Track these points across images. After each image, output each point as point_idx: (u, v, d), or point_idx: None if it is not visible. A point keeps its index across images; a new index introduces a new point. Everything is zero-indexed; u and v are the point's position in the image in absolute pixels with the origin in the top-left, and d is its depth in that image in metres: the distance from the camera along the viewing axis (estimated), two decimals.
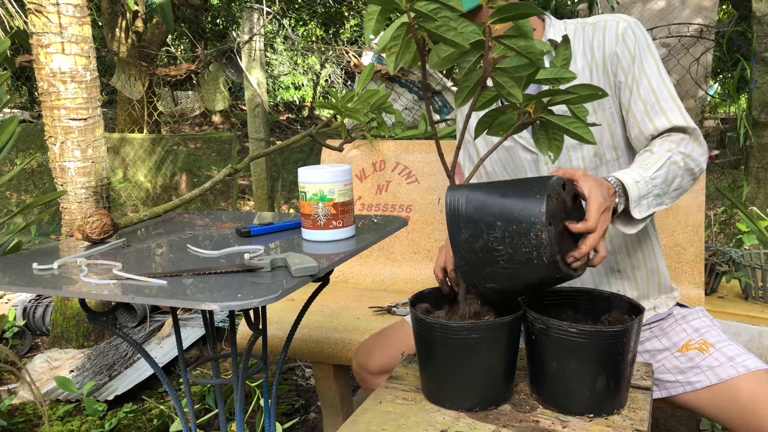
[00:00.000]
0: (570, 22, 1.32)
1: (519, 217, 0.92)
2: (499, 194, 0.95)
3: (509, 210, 0.93)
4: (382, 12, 0.81)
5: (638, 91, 1.23)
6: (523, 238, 0.92)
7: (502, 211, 0.94)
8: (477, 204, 0.95)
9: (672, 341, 1.30)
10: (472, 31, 0.81)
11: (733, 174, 3.83)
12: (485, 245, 0.95)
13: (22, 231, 2.12)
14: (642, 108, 1.22)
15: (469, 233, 0.95)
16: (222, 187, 4.97)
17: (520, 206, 0.93)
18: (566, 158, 1.28)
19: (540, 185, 0.94)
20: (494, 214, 0.94)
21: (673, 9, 4.27)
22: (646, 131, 1.22)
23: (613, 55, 1.24)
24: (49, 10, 2.29)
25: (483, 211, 0.95)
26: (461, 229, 0.96)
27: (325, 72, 10.33)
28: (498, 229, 0.94)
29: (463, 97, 0.93)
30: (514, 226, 0.92)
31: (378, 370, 1.39)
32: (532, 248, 0.92)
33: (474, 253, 0.96)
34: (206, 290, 0.99)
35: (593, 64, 1.26)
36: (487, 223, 0.94)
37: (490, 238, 0.94)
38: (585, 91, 0.92)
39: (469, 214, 0.96)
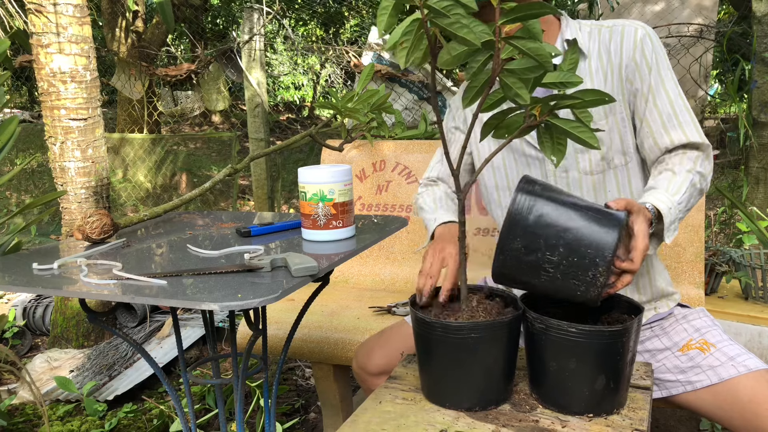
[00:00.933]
0: (585, 23, 1.31)
1: (583, 253, 0.91)
2: (570, 218, 0.93)
3: (575, 242, 0.92)
4: (395, 7, 0.81)
5: (655, 102, 1.24)
6: (580, 272, 0.92)
7: (569, 238, 0.92)
8: (545, 220, 0.93)
9: (673, 341, 1.30)
10: (482, 30, 0.81)
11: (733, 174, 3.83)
12: (536, 262, 0.93)
13: (22, 231, 2.12)
14: (659, 120, 1.23)
15: (524, 244, 0.93)
16: (222, 187, 4.97)
17: (588, 242, 0.92)
18: (573, 160, 1.28)
19: (612, 226, 0.93)
20: (559, 238, 0.92)
21: (673, 9, 4.27)
22: (662, 143, 1.23)
23: (631, 62, 1.24)
24: (48, 10, 2.30)
25: (548, 230, 0.92)
26: (517, 237, 0.93)
27: (325, 72, 10.33)
28: (558, 255, 0.92)
29: (470, 97, 0.93)
30: (575, 259, 0.92)
31: (378, 370, 1.39)
32: (582, 283, 0.93)
33: (520, 264, 0.93)
34: (206, 290, 0.99)
35: (609, 67, 1.26)
36: (548, 243, 0.92)
37: (545, 257, 0.92)
38: (591, 96, 0.92)
39: (532, 225, 0.93)
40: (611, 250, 0.91)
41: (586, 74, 1.27)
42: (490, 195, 1.43)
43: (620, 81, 1.26)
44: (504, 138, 1.01)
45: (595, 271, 0.92)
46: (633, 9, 4.38)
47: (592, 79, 1.26)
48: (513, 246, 0.94)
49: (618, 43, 1.26)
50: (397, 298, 2.03)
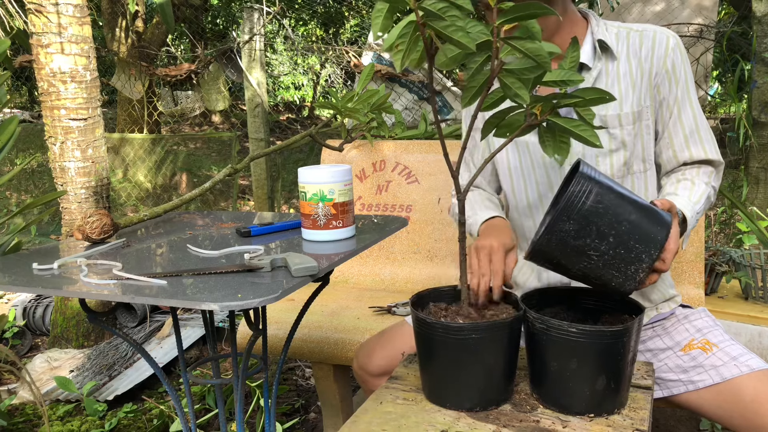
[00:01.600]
0: (612, 24, 1.30)
1: (632, 247, 0.92)
2: (625, 210, 0.93)
3: (628, 233, 0.92)
4: (390, 9, 0.81)
5: (680, 115, 1.26)
6: (623, 265, 0.93)
7: (621, 230, 0.92)
8: (601, 207, 0.92)
9: (675, 341, 1.30)
10: (479, 31, 0.81)
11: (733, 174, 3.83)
12: (582, 247, 0.92)
13: (22, 231, 2.12)
14: (681, 134, 1.26)
15: (576, 228, 0.92)
16: (222, 187, 4.97)
17: (639, 237, 0.92)
18: (594, 163, 1.27)
19: (662, 225, 0.95)
20: (612, 227, 0.92)
21: (673, 9, 4.26)
22: (681, 157, 1.27)
23: (662, 70, 1.25)
24: (49, 10, 2.29)
25: (603, 218, 0.92)
26: (570, 219, 0.92)
27: (325, 72, 10.33)
28: (607, 245, 0.92)
29: (469, 97, 0.93)
30: (622, 251, 0.92)
31: (378, 371, 1.39)
32: (622, 275, 0.93)
33: (565, 246, 0.93)
34: (206, 290, 0.99)
35: (638, 73, 1.25)
36: (599, 231, 0.92)
37: (593, 244, 0.92)
38: (591, 95, 0.92)
39: (588, 211, 0.92)
40: (659, 248, 0.92)
41: (614, 77, 1.26)
42: (507, 198, 1.41)
43: (649, 88, 1.25)
44: (505, 137, 1.01)
45: (639, 266, 0.92)
46: (633, 9, 4.38)
47: (620, 82, 1.25)
48: (564, 227, 0.93)
49: (649, 48, 1.25)
50: (397, 298, 2.03)
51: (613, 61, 1.26)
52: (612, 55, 1.26)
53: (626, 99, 1.25)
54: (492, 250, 1.14)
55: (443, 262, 2.17)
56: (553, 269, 1.02)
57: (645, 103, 1.25)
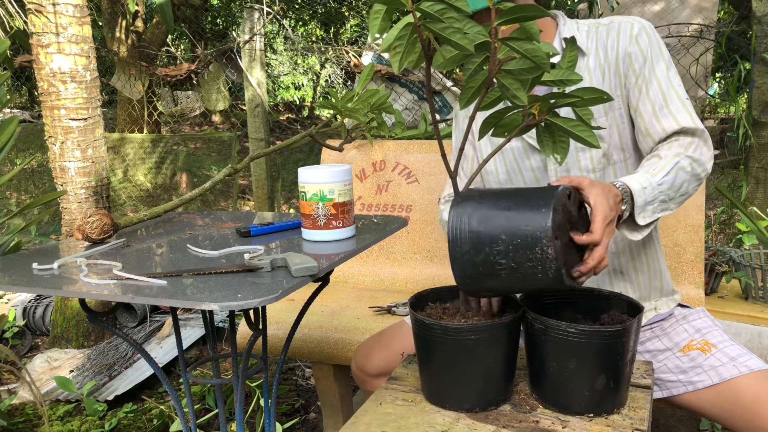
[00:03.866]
0: (583, 22, 1.31)
1: (524, 232, 0.90)
2: (503, 207, 0.93)
3: (514, 224, 0.91)
4: (387, 11, 0.81)
5: (647, 92, 1.22)
6: (528, 252, 0.91)
7: (506, 225, 0.92)
8: (480, 217, 0.93)
9: (674, 341, 1.30)
10: (477, 32, 0.81)
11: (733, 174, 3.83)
12: (486, 259, 0.93)
13: (22, 231, 2.12)
14: (650, 109, 1.22)
15: (471, 246, 0.93)
16: (222, 187, 4.97)
17: (525, 220, 0.91)
18: (574, 159, 1.28)
19: (545, 198, 0.92)
20: (498, 227, 0.92)
21: (673, 9, 4.26)
22: (654, 133, 1.21)
23: (626, 56, 1.24)
24: (48, 10, 2.29)
25: (486, 224, 0.93)
26: (463, 242, 0.93)
27: (325, 72, 10.33)
28: (502, 242, 0.91)
29: (467, 98, 0.93)
30: (518, 240, 0.91)
31: (377, 372, 1.39)
32: (537, 262, 0.91)
33: (474, 266, 0.94)
34: (206, 290, 0.99)
35: (606, 64, 1.26)
36: (490, 236, 0.92)
37: (492, 251, 0.92)
38: (590, 95, 0.92)
39: (472, 228, 0.93)
40: (548, 218, 0.89)
41: (584, 72, 1.27)
42: None
43: (617, 76, 1.25)
44: (503, 137, 1.01)
45: (541, 245, 0.90)
46: (633, 9, 4.38)
47: (591, 76, 1.27)
48: (462, 250, 0.94)
49: (614, 38, 1.26)
50: (397, 298, 2.03)
51: (583, 56, 1.27)
52: (581, 51, 1.27)
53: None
54: None
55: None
56: (491, 293, 1.01)
57: (615, 93, 1.26)
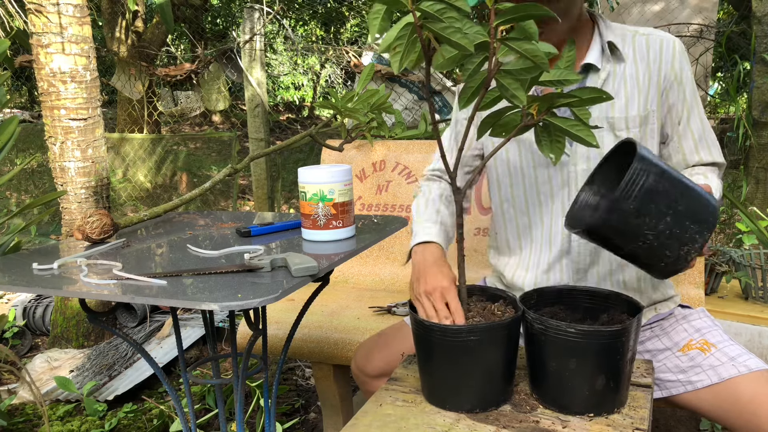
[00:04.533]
0: (618, 26, 1.31)
1: (687, 227, 0.94)
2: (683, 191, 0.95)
3: (685, 213, 0.94)
4: (387, 11, 0.81)
5: (689, 121, 1.28)
6: (676, 244, 0.95)
7: (679, 209, 0.94)
8: (662, 186, 0.93)
9: (673, 341, 1.30)
10: (476, 32, 0.81)
11: (733, 174, 3.83)
12: (639, 227, 0.93)
13: (22, 231, 2.12)
14: (692, 140, 1.29)
15: (637, 207, 0.92)
16: (222, 187, 4.97)
17: (693, 218, 0.94)
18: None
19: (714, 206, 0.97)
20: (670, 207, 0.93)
21: (673, 9, 4.26)
22: (691, 160, 1.31)
23: (669, 75, 1.26)
24: (49, 10, 2.29)
25: (663, 197, 0.93)
26: (632, 197, 0.92)
27: (325, 72, 10.33)
28: (663, 223, 0.93)
29: (466, 98, 0.93)
30: (678, 231, 0.94)
31: (377, 373, 1.38)
32: (673, 255, 0.95)
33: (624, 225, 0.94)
34: (206, 290, 0.99)
35: (646, 76, 1.26)
36: (659, 210, 0.93)
37: (651, 224, 0.93)
38: (588, 95, 0.92)
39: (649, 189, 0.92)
40: (711, 230, 0.94)
41: (621, 79, 1.26)
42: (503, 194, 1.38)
43: (657, 92, 1.26)
44: (502, 137, 1.01)
45: (691, 246, 0.94)
46: (633, 9, 4.38)
47: (626, 84, 1.26)
48: (625, 206, 0.93)
49: (657, 53, 1.26)
50: (397, 298, 2.03)
51: (621, 63, 1.27)
52: (620, 57, 1.27)
53: (632, 102, 1.26)
54: (444, 291, 1.10)
55: None
56: (607, 247, 1.02)
57: (651, 107, 1.26)
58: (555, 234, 1.31)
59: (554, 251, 1.31)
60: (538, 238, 1.34)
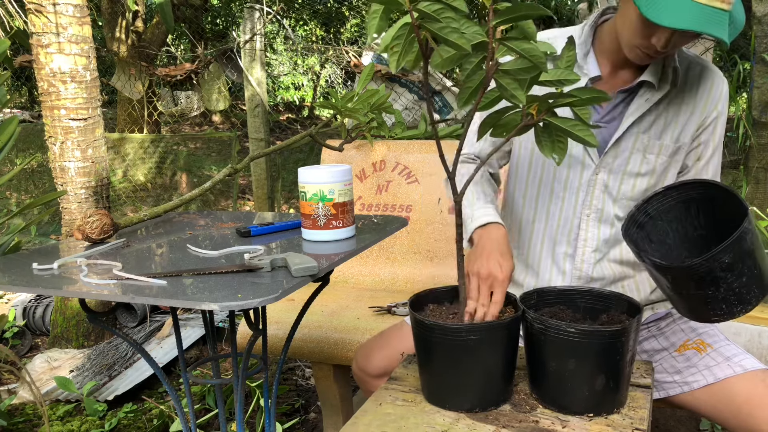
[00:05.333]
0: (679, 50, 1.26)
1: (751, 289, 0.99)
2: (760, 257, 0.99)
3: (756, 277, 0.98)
4: (385, 11, 0.81)
5: (709, 162, 1.30)
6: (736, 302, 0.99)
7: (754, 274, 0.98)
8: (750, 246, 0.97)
9: (670, 341, 1.30)
10: (474, 32, 0.81)
11: (733, 174, 3.83)
12: (720, 280, 0.97)
13: (22, 231, 2.12)
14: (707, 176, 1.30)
15: (730, 261, 0.96)
16: (222, 187, 4.97)
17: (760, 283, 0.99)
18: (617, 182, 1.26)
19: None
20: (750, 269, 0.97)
21: None
22: None
23: (711, 113, 1.25)
24: (48, 10, 2.29)
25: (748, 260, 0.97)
26: (730, 253, 0.96)
27: (325, 72, 10.34)
28: (739, 282, 0.97)
29: (465, 98, 0.93)
30: (744, 291, 0.98)
31: (378, 372, 1.39)
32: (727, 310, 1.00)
33: (710, 273, 0.97)
34: (206, 290, 0.99)
35: (692, 107, 1.24)
36: (740, 271, 0.97)
37: (729, 279, 0.97)
38: (588, 94, 0.92)
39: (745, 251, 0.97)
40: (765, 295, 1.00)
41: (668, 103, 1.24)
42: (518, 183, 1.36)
43: (695, 128, 1.26)
44: (502, 137, 1.01)
45: (745, 307, 1.00)
46: None
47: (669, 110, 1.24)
48: (722, 259, 0.96)
49: (707, 88, 1.25)
50: (397, 298, 2.03)
51: (673, 87, 1.23)
52: (675, 80, 1.23)
53: (668, 128, 1.24)
54: (495, 282, 1.08)
55: (443, 262, 2.17)
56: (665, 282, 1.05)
57: (684, 140, 1.25)
58: (561, 237, 1.30)
59: (559, 254, 1.30)
60: (540, 237, 1.33)
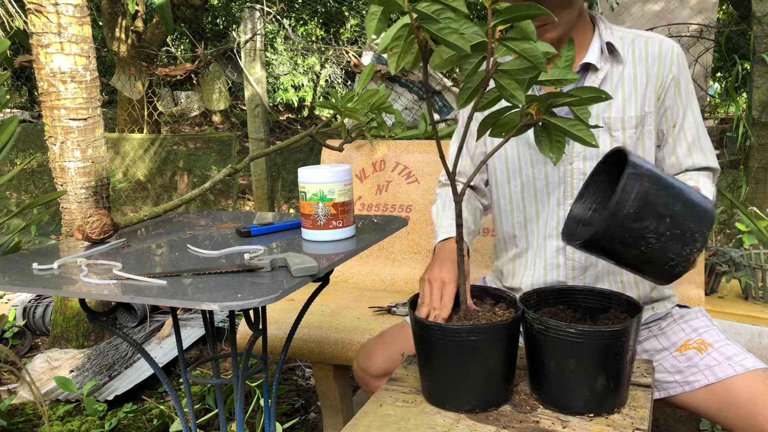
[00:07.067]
0: (617, 28, 1.32)
1: (686, 227, 0.95)
2: (678, 191, 0.96)
3: (683, 213, 0.95)
4: (384, 12, 0.81)
5: (683, 124, 1.30)
6: (679, 245, 0.95)
7: (677, 210, 0.95)
8: (658, 188, 0.95)
9: (671, 341, 1.30)
10: (474, 32, 0.81)
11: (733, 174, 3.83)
12: (641, 231, 0.94)
13: (22, 231, 2.12)
14: (685, 142, 1.30)
15: (636, 210, 0.93)
16: (222, 187, 4.97)
17: (693, 216, 0.96)
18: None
19: (710, 205, 0.99)
20: (668, 208, 0.94)
21: (673, 9, 4.26)
22: (684, 163, 1.31)
23: (667, 78, 1.27)
24: (49, 10, 2.29)
25: (660, 199, 0.94)
26: (630, 201, 0.93)
27: (325, 72, 10.33)
28: (664, 225, 0.94)
29: (465, 98, 0.93)
30: (678, 232, 0.95)
31: (379, 372, 1.39)
32: (677, 257, 0.96)
33: (624, 230, 0.94)
34: (206, 290, 0.99)
35: (644, 78, 1.27)
36: (657, 213, 0.94)
37: (651, 226, 0.94)
38: (587, 94, 0.92)
39: (647, 192, 0.94)
40: (710, 228, 0.95)
41: (619, 80, 1.27)
42: (500, 191, 1.39)
43: (654, 93, 1.27)
44: (501, 137, 1.01)
45: (693, 246, 0.95)
46: (633, 9, 4.38)
47: (624, 85, 1.27)
48: (625, 211, 0.93)
49: (655, 56, 1.27)
50: (397, 298, 2.03)
51: (619, 64, 1.28)
52: (618, 58, 1.28)
53: (630, 103, 1.26)
54: (444, 284, 1.13)
55: None
56: (605, 257, 1.02)
57: (648, 109, 1.27)
58: (551, 231, 1.32)
59: (551, 249, 1.32)
60: (534, 236, 1.34)
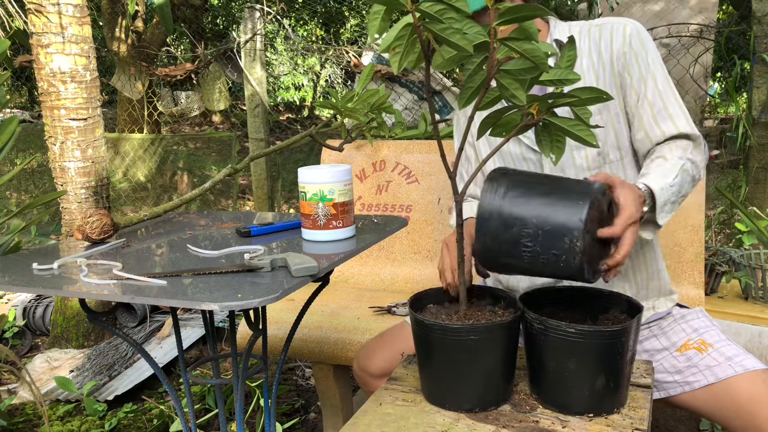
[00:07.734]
0: (575, 24, 1.32)
1: (556, 220, 0.93)
2: (539, 192, 0.96)
3: (548, 211, 0.94)
4: (387, 11, 0.81)
5: (645, 94, 1.24)
6: (556, 241, 0.93)
7: (540, 209, 0.94)
8: (515, 195, 0.95)
9: (671, 341, 1.30)
10: (476, 32, 0.81)
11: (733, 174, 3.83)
12: (513, 237, 0.95)
13: (22, 231, 2.12)
14: (649, 112, 1.24)
15: (500, 221, 0.95)
16: (222, 187, 4.97)
17: (560, 210, 0.93)
18: (569, 157, 1.28)
19: (583, 192, 0.95)
20: (531, 209, 0.94)
21: (673, 9, 4.26)
22: (653, 135, 1.24)
23: (621, 56, 1.25)
24: (49, 10, 2.29)
25: (520, 204, 0.95)
26: (493, 216, 0.95)
27: (325, 72, 10.34)
28: (532, 226, 0.94)
29: (466, 98, 0.93)
30: (549, 227, 0.93)
31: (379, 372, 1.39)
32: (562, 252, 0.93)
33: (500, 242, 0.95)
34: (206, 290, 0.99)
35: (600, 64, 1.27)
36: (522, 217, 0.94)
37: (521, 232, 0.94)
38: (588, 94, 0.92)
39: (505, 204, 0.95)
40: (584, 213, 0.92)
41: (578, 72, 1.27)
42: None
43: (612, 76, 1.27)
44: (502, 137, 1.01)
45: (571, 236, 0.92)
46: (633, 9, 4.38)
47: (584, 77, 1.28)
48: (489, 225, 0.96)
49: (608, 39, 1.27)
50: (397, 298, 2.03)
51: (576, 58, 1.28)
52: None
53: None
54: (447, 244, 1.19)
55: None
56: (509, 271, 1.04)
57: (611, 93, 1.25)
58: None
59: None
60: None
